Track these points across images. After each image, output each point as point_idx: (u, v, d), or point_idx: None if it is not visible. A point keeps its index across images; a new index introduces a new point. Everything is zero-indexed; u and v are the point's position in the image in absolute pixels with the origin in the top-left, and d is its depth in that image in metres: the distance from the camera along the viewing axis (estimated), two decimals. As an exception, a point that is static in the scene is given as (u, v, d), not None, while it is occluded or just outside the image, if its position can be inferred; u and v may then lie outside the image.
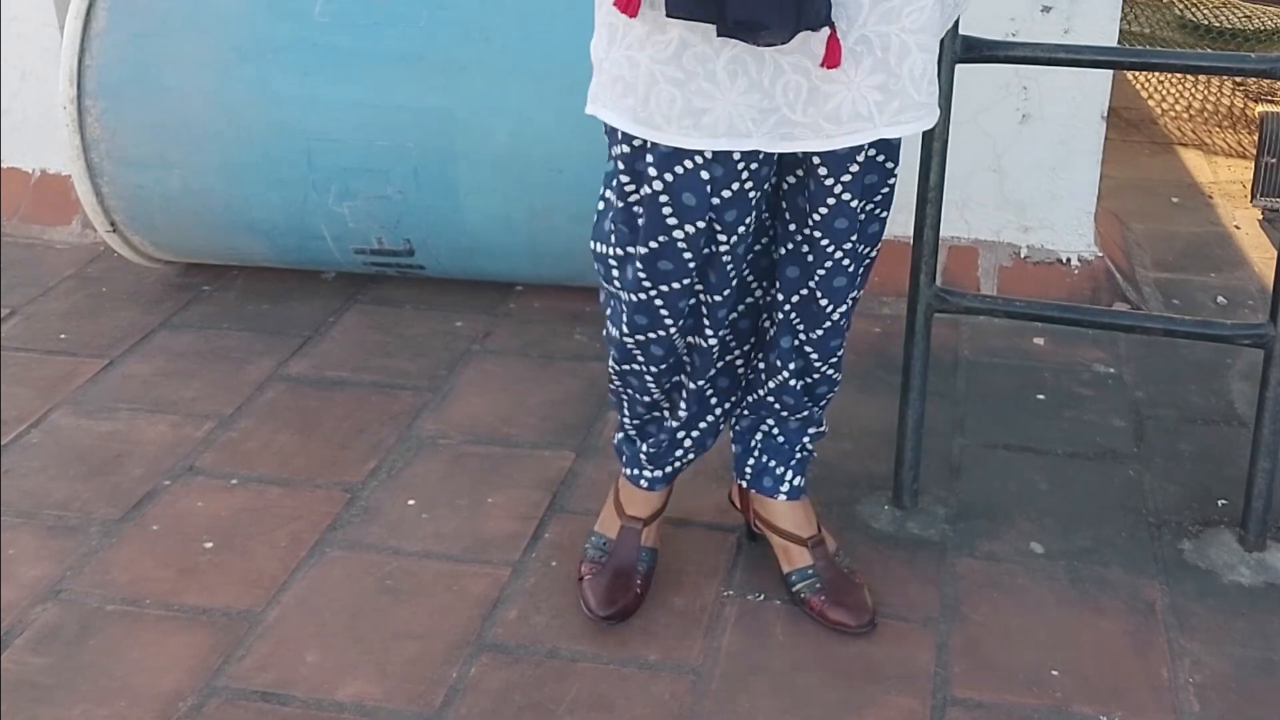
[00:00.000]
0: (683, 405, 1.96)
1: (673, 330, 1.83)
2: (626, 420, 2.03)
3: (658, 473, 2.04)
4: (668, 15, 1.51)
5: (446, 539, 2.21)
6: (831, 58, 1.53)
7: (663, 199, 1.69)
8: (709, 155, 1.65)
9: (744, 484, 2.08)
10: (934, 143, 2.06)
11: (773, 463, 2.04)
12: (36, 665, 1.93)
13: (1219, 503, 2.29)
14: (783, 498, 2.05)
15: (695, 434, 2.02)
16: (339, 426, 2.53)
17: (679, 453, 2.03)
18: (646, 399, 1.96)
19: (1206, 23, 4.11)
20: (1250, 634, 1.99)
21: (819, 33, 1.52)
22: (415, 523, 2.25)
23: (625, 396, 1.98)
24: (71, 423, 2.55)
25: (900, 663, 1.93)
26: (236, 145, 2.82)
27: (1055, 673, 1.92)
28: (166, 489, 2.35)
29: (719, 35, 1.51)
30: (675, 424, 1.99)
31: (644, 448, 2.02)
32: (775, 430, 2.02)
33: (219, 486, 2.35)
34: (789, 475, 2.05)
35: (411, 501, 2.30)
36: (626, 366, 1.92)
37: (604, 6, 1.62)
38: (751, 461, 2.06)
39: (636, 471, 2.05)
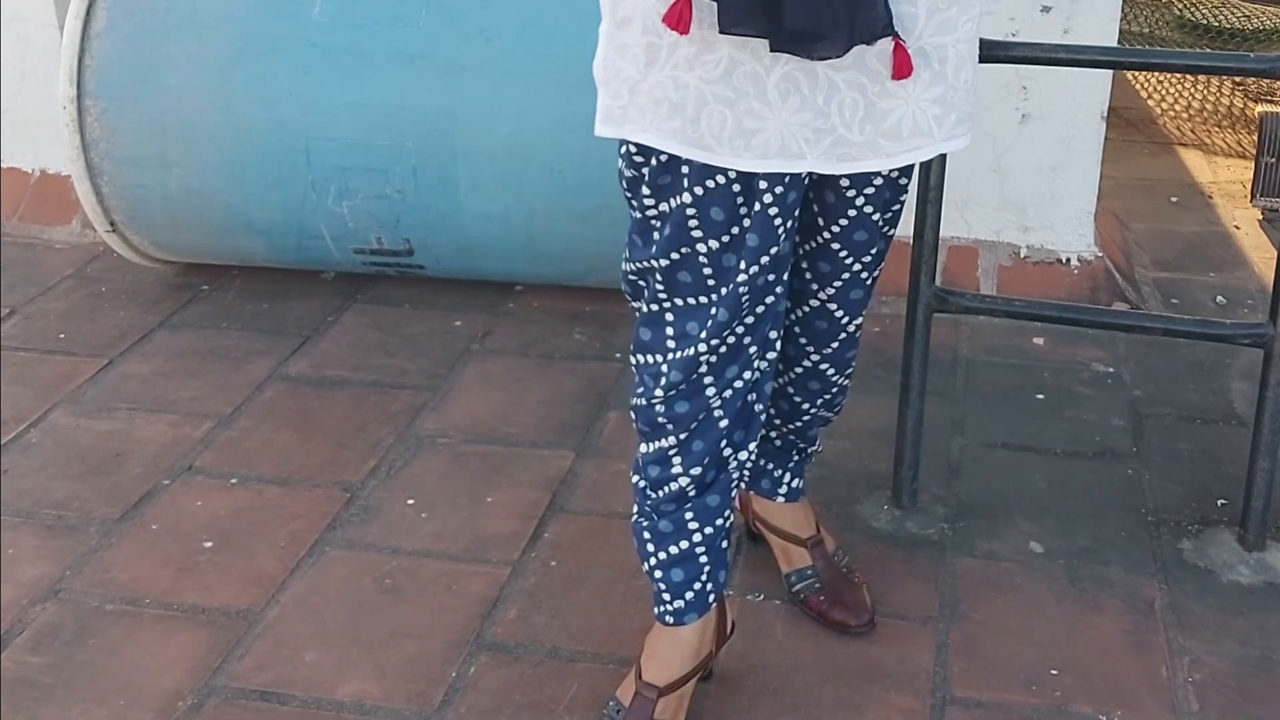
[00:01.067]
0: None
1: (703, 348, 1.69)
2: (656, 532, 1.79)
3: (696, 587, 1.80)
4: (721, 31, 1.45)
5: (446, 538, 2.21)
6: (900, 69, 1.48)
7: (690, 211, 1.62)
8: (735, 173, 1.58)
9: (743, 485, 2.07)
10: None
11: (770, 465, 2.04)
12: (36, 664, 1.93)
13: (1218, 502, 2.29)
14: (781, 499, 2.05)
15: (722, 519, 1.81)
16: (338, 426, 2.53)
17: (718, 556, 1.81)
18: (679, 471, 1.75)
19: (1206, 22, 4.11)
20: (1250, 633, 1.99)
21: (873, 47, 1.48)
22: (414, 522, 2.25)
23: (652, 482, 1.77)
24: (71, 422, 2.55)
25: (900, 662, 1.93)
26: (236, 145, 2.82)
27: (1054, 672, 1.91)
28: (166, 488, 2.35)
29: (772, 50, 1.46)
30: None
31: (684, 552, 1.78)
32: (772, 434, 2.02)
33: (218, 486, 2.35)
34: (787, 477, 2.04)
35: (411, 501, 2.30)
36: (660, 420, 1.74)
37: (633, 26, 1.55)
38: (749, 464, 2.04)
39: (672, 604, 1.80)
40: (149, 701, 1.87)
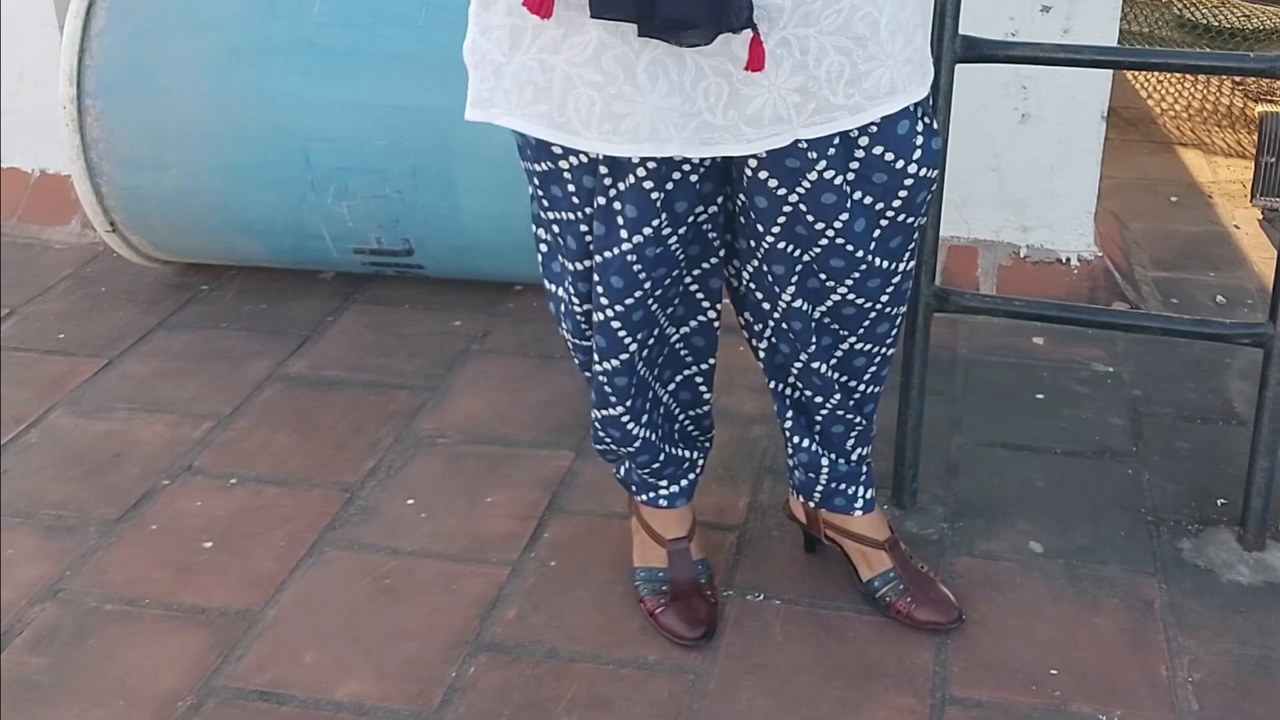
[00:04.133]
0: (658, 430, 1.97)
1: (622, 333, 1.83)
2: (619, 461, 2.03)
3: (674, 488, 2.03)
4: (592, 16, 1.47)
5: (444, 539, 2.21)
6: (755, 60, 1.51)
7: (616, 206, 1.69)
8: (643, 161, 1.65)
9: (812, 504, 2.05)
10: (941, 149, 2.05)
11: (842, 485, 2.01)
12: (34, 665, 1.93)
13: (1218, 501, 2.29)
14: (859, 513, 2.03)
15: (683, 449, 2.02)
16: (337, 426, 2.53)
17: (684, 464, 2.03)
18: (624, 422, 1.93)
19: (1205, 22, 4.11)
20: (1249, 632, 1.99)
21: (740, 35, 1.50)
22: (413, 522, 2.25)
23: (609, 439, 1.96)
24: (69, 423, 2.55)
25: (899, 662, 1.93)
26: (234, 145, 2.82)
27: (1054, 671, 1.91)
28: (165, 489, 2.35)
29: (640, 35, 1.49)
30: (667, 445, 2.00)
31: (648, 472, 2.01)
32: (838, 459, 1.99)
33: (217, 486, 2.35)
34: (861, 492, 2.02)
35: (409, 501, 2.30)
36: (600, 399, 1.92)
37: (497, 7, 1.58)
38: (820, 487, 2.02)
39: (654, 494, 2.04)
40: (148, 702, 1.86)
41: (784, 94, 1.57)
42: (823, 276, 1.77)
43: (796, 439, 1.98)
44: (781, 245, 1.74)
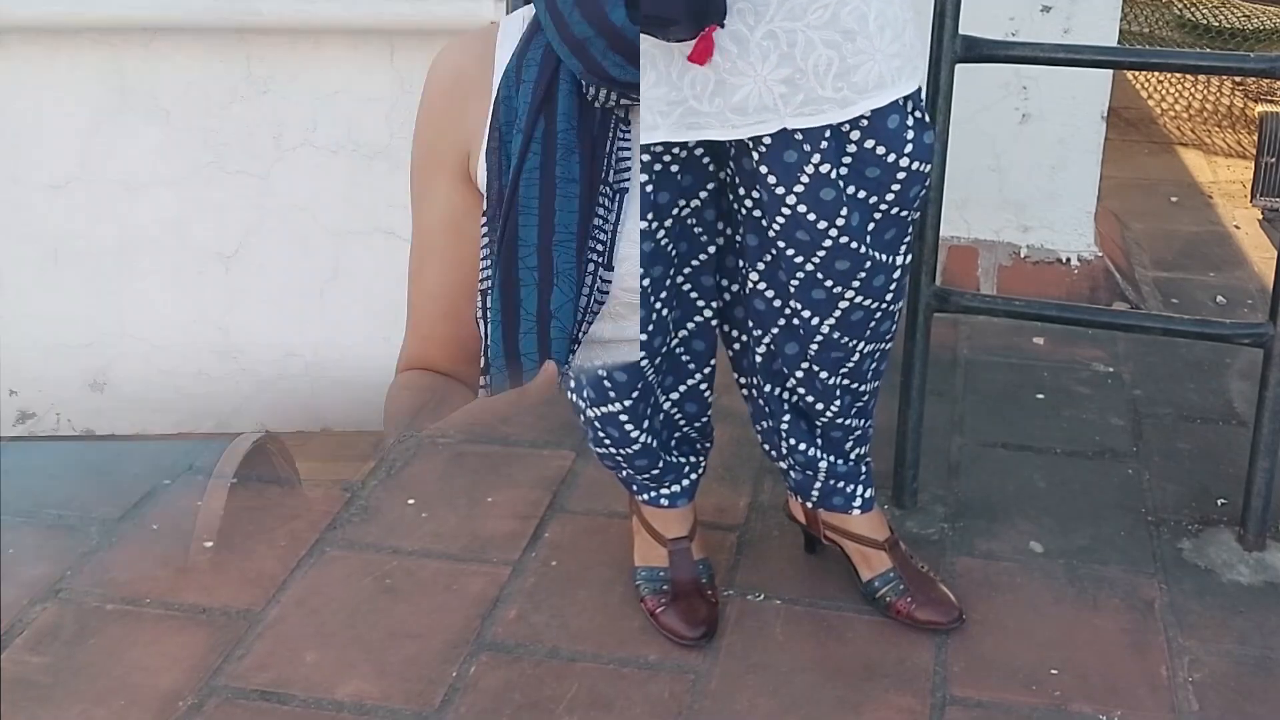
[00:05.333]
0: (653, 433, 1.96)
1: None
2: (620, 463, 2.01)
3: (676, 488, 2.04)
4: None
5: (445, 538, 2.21)
6: (698, 53, 1.55)
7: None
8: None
9: (810, 504, 2.05)
10: (934, 143, 2.05)
11: (840, 484, 2.01)
12: (35, 664, 1.93)
13: (1218, 502, 2.29)
14: (857, 512, 2.03)
15: (682, 454, 2.02)
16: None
17: (685, 468, 2.03)
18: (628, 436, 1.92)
19: (1205, 22, 4.12)
20: (1249, 632, 1.99)
21: (725, 28, 1.55)
22: (414, 522, 2.25)
23: (607, 443, 1.94)
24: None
25: (899, 662, 1.93)
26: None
27: (1054, 671, 1.91)
28: (166, 488, 2.35)
29: None
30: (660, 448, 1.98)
31: (647, 477, 2.00)
32: (837, 460, 1.99)
33: (218, 485, 2.35)
34: (859, 490, 2.02)
35: (410, 501, 2.31)
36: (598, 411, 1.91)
37: None
38: (818, 486, 2.02)
39: (655, 494, 2.04)
40: (149, 701, 1.87)
41: (770, 85, 1.60)
42: (829, 284, 1.77)
43: (793, 441, 1.98)
44: (782, 245, 1.75)
